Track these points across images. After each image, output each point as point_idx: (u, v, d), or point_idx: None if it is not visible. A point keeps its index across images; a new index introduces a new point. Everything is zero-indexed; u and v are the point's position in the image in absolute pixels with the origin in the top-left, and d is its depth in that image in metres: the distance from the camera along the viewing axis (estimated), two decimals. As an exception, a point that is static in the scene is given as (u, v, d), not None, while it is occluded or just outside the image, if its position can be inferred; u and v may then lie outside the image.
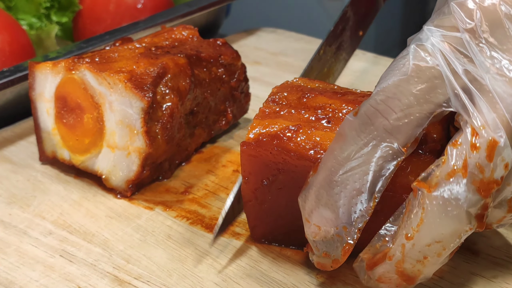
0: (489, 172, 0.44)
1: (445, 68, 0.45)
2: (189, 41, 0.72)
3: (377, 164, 0.46)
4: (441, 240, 0.46)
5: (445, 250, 0.46)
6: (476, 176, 0.44)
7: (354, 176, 0.46)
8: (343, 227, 0.47)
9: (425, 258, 0.46)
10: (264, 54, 0.97)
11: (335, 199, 0.47)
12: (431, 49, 0.45)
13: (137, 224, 0.61)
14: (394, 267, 0.47)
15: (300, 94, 0.56)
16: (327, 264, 0.50)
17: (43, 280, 0.55)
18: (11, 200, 0.65)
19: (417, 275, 0.48)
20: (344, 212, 0.47)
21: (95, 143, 0.65)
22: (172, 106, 0.64)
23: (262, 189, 0.54)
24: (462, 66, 0.45)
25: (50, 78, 0.66)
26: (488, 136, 0.44)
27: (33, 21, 0.91)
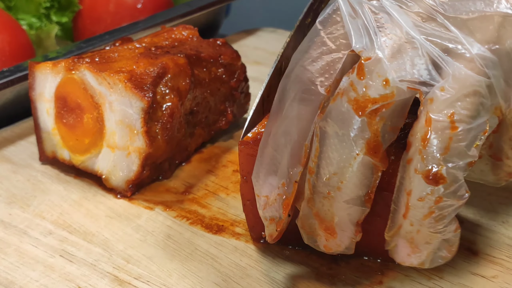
0: (362, 90, 0.44)
1: (344, 12, 0.46)
2: (189, 41, 0.72)
3: (302, 113, 0.46)
4: (336, 171, 0.46)
5: (343, 183, 0.46)
6: (350, 95, 0.44)
7: (286, 130, 0.47)
8: (282, 184, 0.48)
9: (328, 193, 0.47)
10: (264, 54, 0.97)
11: (276, 160, 0.48)
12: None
13: (137, 224, 0.61)
14: (309, 208, 0.48)
15: None
16: (273, 231, 0.50)
17: (43, 280, 0.55)
18: (11, 200, 0.65)
19: (330, 219, 0.48)
20: (283, 168, 0.48)
21: (95, 143, 0.65)
22: (172, 106, 0.64)
23: (252, 196, 0.54)
24: (361, 4, 0.46)
25: (50, 78, 0.66)
26: (362, 56, 0.44)
27: (33, 21, 0.91)
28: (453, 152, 0.44)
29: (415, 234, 0.47)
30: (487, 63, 0.44)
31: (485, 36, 0.44)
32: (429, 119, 0.44)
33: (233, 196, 0.65)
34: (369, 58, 0.44)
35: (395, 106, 0.44)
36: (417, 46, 0.44)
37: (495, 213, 0.61)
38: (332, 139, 0.45)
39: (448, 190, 0.45)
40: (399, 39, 0.44)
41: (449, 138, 0.44)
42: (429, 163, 0.44)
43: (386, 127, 0.45)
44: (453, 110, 0.43)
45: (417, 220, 0.46)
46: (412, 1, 0.45)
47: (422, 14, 0.45)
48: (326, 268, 0.55)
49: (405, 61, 0.44)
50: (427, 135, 0.44)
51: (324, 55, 0.46)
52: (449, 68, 0.44)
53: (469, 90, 0.43)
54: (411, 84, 0.44)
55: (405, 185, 0.46)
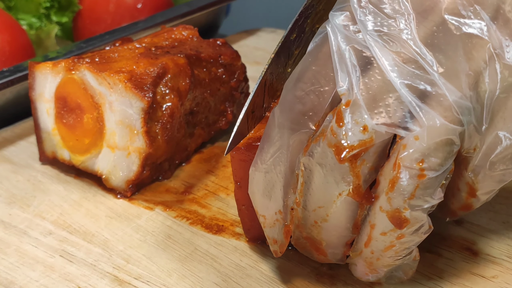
0: (341, 137, 0.45)
1: (333, 47, 0.46)
2: (189, 41, 0.72)
3: (292, 143, 0.47)
4: (322, 205, 0.47)
5: (328, 216, 0.47)
6: (331, 140, 0.45)
7: (276, 160, 0.48)
8: (279, 211, 0.49)
9: (316, 222, 0.48)
10: (264, 54, 0.97)
11: (269, 185, 0.49)
12: (327, 29, 0.47)
13: (137, 224, 0.61)
14: (299, 232, 0.50)
15: None
16: (277, 251, 0.51)
17: (43, 280, 0.55)
18: (11, 200, 0.65)
19: (319, 243, 0.49)
20: (277, 196, 0.49)
21: (95, 143, 0.65)
22: (172, 106, 0.64)
23: (247, 202, 0.54)
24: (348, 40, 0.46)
25: (50, 78, 0.66)
26: (343, 100, 0.45)
27: (33, 21, 0.91)
28: (418, 197, 0.45)
29: (375, 261, 0.49)
30: (462, 111, 0.44)
31: (463, 82, 0.45)
32: (399, 165, 0.44)
33: (233, 196, 0.65)
34: (348, 103, 0.45)
35: (375, 148, 0.45)
36: (397, 89, 0.44)
37: (495, 213, 0.61)
38: (315, 177, 0.46)
39: (411, 229, 0.46)
40: (380, 81, 0.45)
41: (416, 185, 0.44)
42: (394, 205, 0.45)
43: (367, 168, 0.46)
44: (424, 158, 0.44)
45: (378, 250, 0.48)
46: (395, 40, 0.45)
47: (403, 54, 0.45)
48: (326, 268, 0.55)
49: (384, 105, 0.44)
50: (395, 180, 0.45)
51: (314, 91, 0.47)
52: (425, 118, 0.44)
53: (442, 139, 0.44)
54: (389, 128, 0.44)
55: (370, 217, 0.47)
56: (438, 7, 0.46)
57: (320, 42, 0.48)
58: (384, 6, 0.46)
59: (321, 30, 0.48)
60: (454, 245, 0.57)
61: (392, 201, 0.45)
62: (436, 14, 0.46)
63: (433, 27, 0.45)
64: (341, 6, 0.47)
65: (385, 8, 0.46)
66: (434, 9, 0.46)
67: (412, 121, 0.44)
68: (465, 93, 0.45)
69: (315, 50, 0.48)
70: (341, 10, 0.47)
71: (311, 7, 0.54)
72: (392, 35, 0.45)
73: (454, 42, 0.45)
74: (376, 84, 0.45)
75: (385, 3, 0.46)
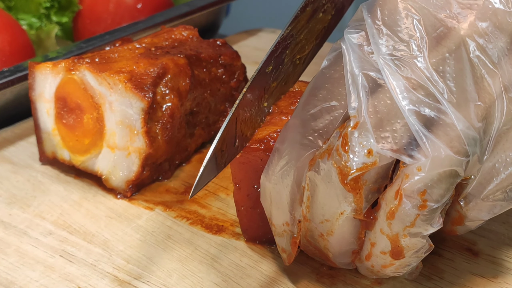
0: (346, 159, 0.45)
1: (347, 67, 0.46)
2: (189, 41, 0.72)
3: (298, 157, 0.47)
4: (327, 219, 0.47)
5: (333, 231, 0.48)
6: (336, 160, 0.45)
7: (284, 173, 0.48)
8: (286, 223, 0.50)
9: (322, 235, 0.48)
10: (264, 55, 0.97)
11: (277, 197, 0.49)
12: (342, 47, 0.47)
13: (137, 225, 0.61)
14: (307, 241, 0.50)
15: (292, 100, 0.56)
16: (285, 259, 0.52)
17: (43, 281, 0.55)
18: (11, 200, 0.65)
19: (326, 253, 0.50)
20: (284, 208, 0.49)
21: (95, 144, 0.65)
22: (172, 106, 0.64)
23: (254, 194, 0.54)
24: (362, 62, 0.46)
25: (50, 79, 0.66)
26: (351, 122, 0.45)
27: (33, 21, 0.91)
28: (419, 226, 0.45)
29: (376, 272, 0.50)
30: (469, 141, 0.44)
31: (472, 112, 0.45)
32: (401, 195, 0.44)
33: (233, 197, 0.65)
34: (356, 125, 0.45)
35: (378, 169, 0.45)
36: (405, 116, 0.44)
37: (495, 213, 0.61)
38: (320, 192, 0.47)
39: (411, 252, 0.47)
40: (389, 105, 0.45)
41: (417, 215, 0.45)
42: (394, 231, 0.46)
43: (368, 189, 0.46)
44: (426, 189, 0.44)
45: (378, 265, 0.48)
46: (407, 65, 0.45)
47: (414, 80, 0.45)
48: (326, 268, 0.55)
49: (391, 130, 0.44)
50: (396, 209, 0.45)
51: (327, 109, 0.47)
52: (430, 148, 0.44)
53: (446, 170, 0.44)
54: (394, 154, 0.44)
55: (370, 235, 0.48)
56: (452, 33, 0.46)
57: (334, 59, 0.48)
58: (398, 28, 0.46)
59: (335, 47, 0.48)
60: (454, 246, 0.57)
61: (392, 227, 0.46)
62: (450, 40, 0.46)
63: (445, 54, 0.45)
64: (357, 24, 0.48)
65: (399, 31, 0.46)
66: (447, 34, 0.46)
67: (418, 149, 0.44)
68: (473, 124, 0.44)
69: (329, 67, 0.48)
70: (357, 29, 0.47)
71: (289, 37, 0.54)
72: (404, 60, 0.45)
73: (465, 70, 0.45)
74: (385, 108, 0.45)
75: (400, 26, 0.46)
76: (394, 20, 0.46)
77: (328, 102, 0.47)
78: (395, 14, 0.46)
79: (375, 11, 0.47)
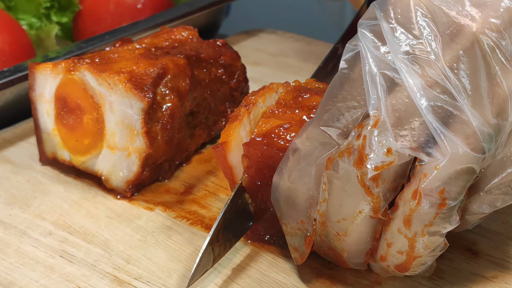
0: (366, 157, 0.45)
1: (365, 67, 0.46)
2: (188, 41, 0.72)
3: (319, 156, 0.48)
4: (344, 217, 0.47)
5: (349, 231, 0.48)
6: (355, 159, 0.45)
7: (302, 171, 0.48)
8: (301, 221, 0.50)
9: (338, 234, 0.48)
10: (264, 55, 0.97)
11: (292, 195, 0.49)
12: (359, 47, 0.47)
13: (137, 225, 0.61)
14: (321, 240, 0.50)
15: (296, 94, 0.56)
16: (297, 258, 0.52)
17: (43, 281, 0.55)
18: (11, 200, 0.65)
19: (340, 253, 0.50)
20: (300, 206, 0.49)
21: (95, 144, 0.65)
22: (172, 106, 0.64)
23: (257, 189, 0.54)
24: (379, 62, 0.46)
25: (50, 79, 0.66)
26: (371, 121, 0.45)
27: (33, 21, 0.91)
28: (437, 224, 0.45)
29: (392, 271, 0.50)
30: (485, 138, 0.44)
31: (487, 109, 0.45)
32: (420, 194, 0.45)
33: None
34: (375, 124, 0.45)
35: (397, 167, 0.45)
36: (422, 114, 0.45)
37: (495, 213, 0.61)
38: (338, 191, 0.47)
39: (428, 251, 0.47)
40: (407, 104, 0.45)
41: (436, 214, 0.45)
42: (413, 230, 0.46)
43: (387, 188, 0.46)
44: (445, 187, 0.44)
45: (394, 264, 0.49)
46: (422, 63, 0.45)
47: (429, 78, 0.45)
48: (326, 268, 0.55)
49: (409, 128, 0.45)
50: (415, 209, 0.45)
51: (347, 109, 0.47)
52: (448, 146, 0.44)
53: (463, 167, 0.44)
54: (413, 152, 0.45)
55: (386, 235, 0.48)
56: (466, 30, 0.46)
57: (351, 59, 0.48)
58: (412, 26, 0.46)
59: (351, 47, 0.48)
60: (454, 245, 0.57)
61: (411, 228, 0.46)
62: (463, 37, 0.46)
63: (459, 51, 0.45)
64: (370, 23, 0.48)
65: (413, 29, 0.46)
66: (461, 32, 0.46)
67: (435, 146, 0.44)
68: (488, 120, 0.45)
69: (347, 68, 0.48)
70: (370, 27, 0.47)
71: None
72: (420, 58, 0.45)
73: (479, 67, 0.45)
74: (403, 106, 0.45)
75: (413, 24, 0.46)
76: (407, 18, 0.46)
77: (347, 102, 0.47)
78: (408, 12, 0.46)
79: (388, 10, 0.47)
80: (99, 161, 0.65)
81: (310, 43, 1.01)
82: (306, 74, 0.89)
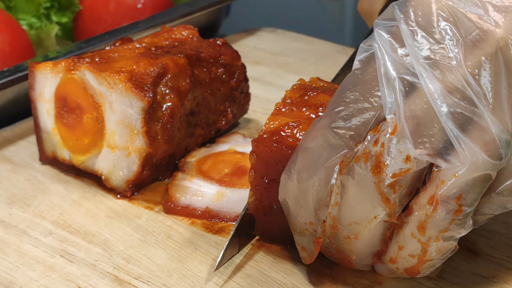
0: (384, 164, 0.45)
1: (381, 70, 0.46)
2: (189, 41, 0.72)
3: (328, 158, 0.47)
4: (356, 221, 0.47)
5: (360, 234, 0.48)
6: (373, 165, 0.45)
7: (310, 172, 0.48)
8: (310, 222, 0.49)
9: (348, 237, 0.48)
10: (264, 54, 0.97)
11: (300, 196, 0.49)
12: (374, 48, 0.47)
13: (137, 224, 0.61)
14: (330, 243, 0.50)
15: (303, 92, 0.56)
16: (306, 258, 0.52)
17: (43, 280, 0.55)
18: (11, 200, 0.65)
19: (348, 255, 0.50)
20: (309, 207, 0.49)
21: (95, 143, 0.65)
22: (172, 106, 0.64)
23: (262, 185, 0.54)
24: (396, 64, 0.46)
25: (50, 78, 0.66)
26: (390, 128, 0.45)
27: (33, 21, 0.91)
28: (452, 230, 0.45)
29: (400, 274, 0.50)
30: (503, 144, 0.44)
31: (506, 115, 0.45)
32: (436, 200, 0.44)
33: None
34: (394, 131, 0.45)
35: (413, 174, 0.45)
36: (442, 121, 0.44)
37: (495, 213, 0.61)
38: (353, 196, 0.47)
39: (440, 254, 0.47)
40: (426, 110, 0.45)
41: (452, 220, 0.45)
42: (427, 236, 0.46)
43: (403, 193, 0.46)
44: (462, 194, 0.44)
45: (404, 267, 0.49)
46: (443, 68, 0.45)
47: (450, 84, 0.45)
48: (326, 268, 0.55)
49: (428, 134, 0.44)
50: (431, 215, 0.45)
51: (358, 111, 0.47)
52: (467, 153, 0.44)
53: (480, 175, 0.44)
54: (431, 158, 0.44)
55: (398, 238, 0.48)
56: (489, 36, 0.45)
57: (366, 60, 0.47)
58: (433, 30, 0.46)
59: (366, 47, 0.48)
60: (454, 245, 0.57)
61: (425, 233, 0.46)
62: (486, 43, 0.45)
63: (481, 57, 0.45)
64: (388, 24, 0.47)
65: (434, 33, 0.46)
66: (483, 38, 0.45)
67: (454, 153, 0.44)
68: (507, 127, 0.44)
69: (361, 69, 0.47)
70: (387, 29, 0.47)
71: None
72: (441, 63, 0.45)
73: (501, 74, 0.45)
74: (422, 112, 0.45)
75: (434, 27, 0.46)
76: (429, 22, 0.46)
77: (359, 103, 0.47)
78: (429, 16, 0.46)
79: (408, 12, 0.46)
80: (99, 161, 0.65)
81: (310, 42, 1.01)
82: (306, 73, 0.89)
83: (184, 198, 0.62)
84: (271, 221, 0.56)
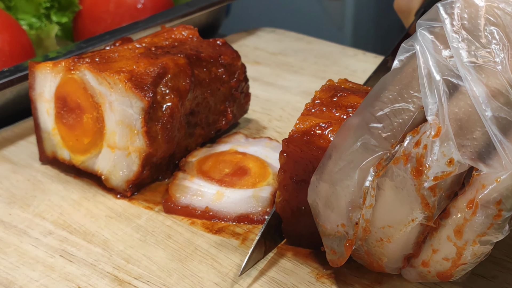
0: (426, 166, 0.44)
1: (422, 70, 0.45)
2: (189, 41, 0.72)
3: (363, 159, 0.47)
4: (391, 225, 0.47)
5: (394, 237, 0.47)
6: (414, 167, 0.45)
7: (344, 173, 0.47)
8: (342, 224, 0.49)
9: (381, 239, 0.48)
10: (264, 54, 0.97)
11: (333, 197, 0.48)
12: (416, 48, 0.46)
13: (137, 224, 0.61)
14: (360, 246, 0.50)
15: (333, 93, 0.56)
16: (335, 261, 0.51)
17: (43, 280, 0.55)
18: (11, 200, 0.65)
19: (379, 258, 0.49)
20: (341, 209, 0.48)
21: (95, 143, 0.65)
22: (172, 106, 0.64)
23: (291, 186, 0.54)
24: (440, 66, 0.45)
25: (50, 78, 0.66)
26: (433, 130, 0.44)
27: (33, 21, 0.91)
28: (490, 234, 0.45)
29: (430, 277, 0.49)
30: None
31: None
32: (476, 204, 0.44)
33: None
34: (438, 134, 0.44)
35: (453, 177, 0.45)
36: (486, 125, 0.44)
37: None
38: (390, 199, 0.46)
39: (475, 258, 0.47)
40: (470, 113, 0.44)
41: (491, 224, 0.45)
42: (465, 239, 0.45)
43: (442, 196, 0.46)
44: (502, 199, 0.44)
45: (436, 271, 0.48)
46: (488, 73, 0.44)
47: (494, 88, 0.44)
48: (326, 268, 0.55)
49: (471, 138, 0.44)
50: (470, 219, 0.45)
51: (395, 112, 0.46)
52: (511, 159, 0.43)
53: None
54: (473, 162, 0.44)
55: (432, 241, 0.47)
56: None
57: (406, 60, 0.47)
58: (479, 33, 0.45)
59: (407, 47, 0.47)
60: (454, 245, 0.57)
61: (463, 237, 0.45)
62: None
63: None
64: (431, 25, 0.46)
65: (480, 37, 0.45)
66: None
67: (496, 158, 0.44)
68: None
69: (401, 68, 0.47)
70: (430, 29, 0.46)
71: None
72: (486, 67, 0.45)
73: None
74: (465, 115, 0.44)
75: (481, 31, 0.45)
76: (475, 25, 0.45)
77: (397, 104, 0.46)
78: (476, 19, 0.45)
79: (453, 14, 0.46)
80: (99, 161, 0.65)
81: (310, 42, 1.01)
82: (306, 73, 0.89)
83: (184, 198, 0.62)
84: (298, 222, 0.56)
